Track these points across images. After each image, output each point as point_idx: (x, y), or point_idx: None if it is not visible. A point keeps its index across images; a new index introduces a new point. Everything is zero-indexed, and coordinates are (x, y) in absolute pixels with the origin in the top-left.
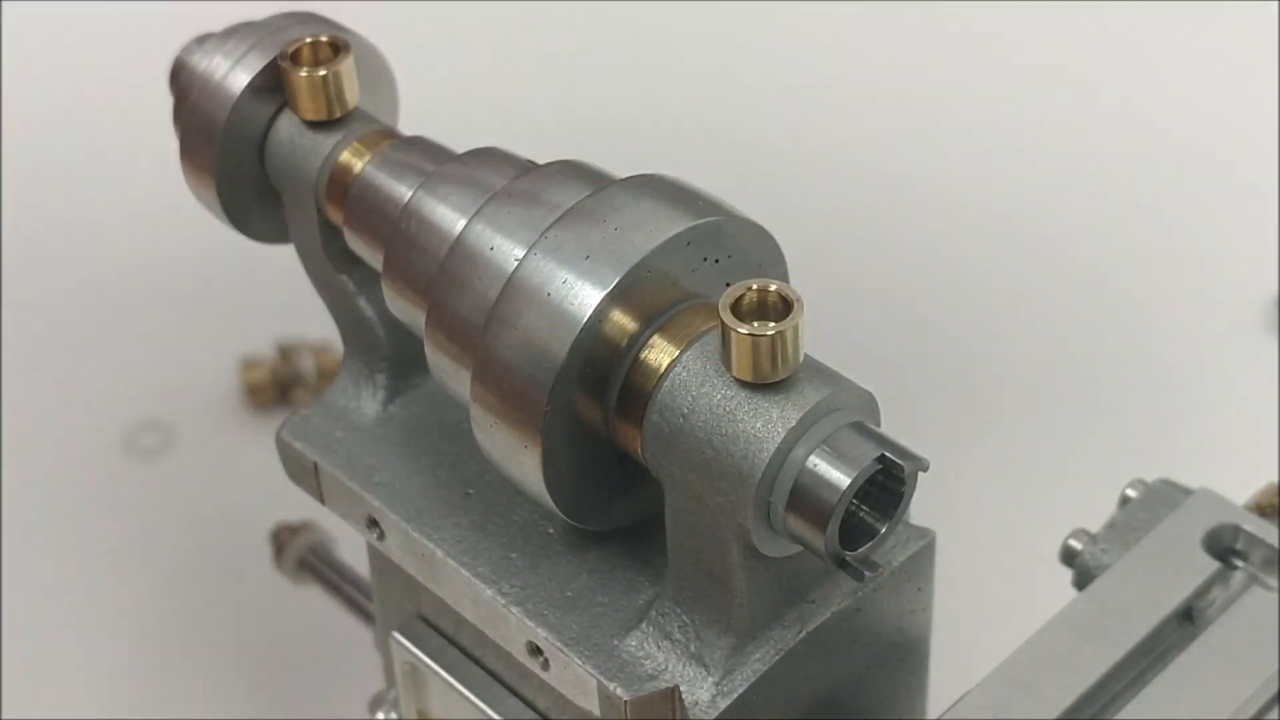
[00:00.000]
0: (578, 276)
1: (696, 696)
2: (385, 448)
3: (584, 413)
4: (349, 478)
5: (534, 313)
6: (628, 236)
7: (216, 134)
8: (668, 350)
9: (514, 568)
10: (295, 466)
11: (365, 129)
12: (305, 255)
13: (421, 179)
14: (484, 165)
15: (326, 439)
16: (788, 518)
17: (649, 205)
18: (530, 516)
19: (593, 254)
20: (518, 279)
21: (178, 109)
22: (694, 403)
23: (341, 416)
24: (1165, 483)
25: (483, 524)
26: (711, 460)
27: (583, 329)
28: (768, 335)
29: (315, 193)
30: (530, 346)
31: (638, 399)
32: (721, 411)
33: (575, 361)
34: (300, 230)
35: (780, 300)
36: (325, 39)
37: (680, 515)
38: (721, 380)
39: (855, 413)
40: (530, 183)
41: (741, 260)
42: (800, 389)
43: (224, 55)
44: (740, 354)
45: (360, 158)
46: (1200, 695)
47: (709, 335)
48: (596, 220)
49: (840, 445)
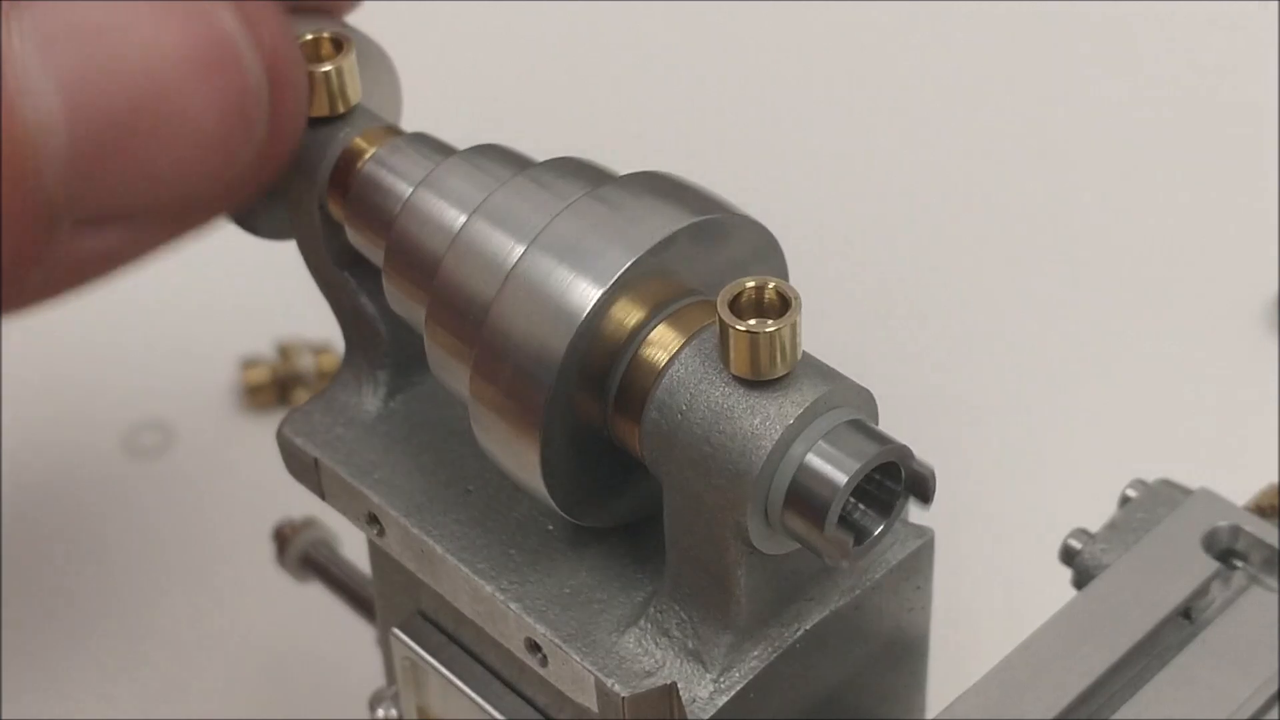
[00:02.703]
0: (577, 272)
1: (694, 693)
2: (386, 444)
3: (582, 409)
4: (349, 474)
5: (533, 309)
6: (627, 232)
7: None
8: (666, 347)
9: (513, 564)
10: (296, 462)
11: (368, 125)
12: (307, 252)
13: (423, 175)
14: (485, 161)
15: (327, 435)
16: (785, 515)
17: (649, 201)
18: (530, 513)
19: (592, 250)
20: (517, 275)
21: None
22: (692, 400)
23: (342, 412)
24: (1165, 483)
25: (482, 520)
26: (709, 457)
27: (582, 325)
28: (766, 332)
29: (317, 189)
30: (529, 343)
31: (636, 395)
32: (719, 408)
33: (574, 358)
34: (302, 227)
35: (778, 297)
36: (327, 35)
37: (678, 512)
38: (720, 377)
39: (854, 410)
40: (530, 179)
41: (740, 257)
42: (798, 386)
43: None
44: (738, 351)
45: (362, 154)
46: (1199, 695)
47: (708, 332)
48: (596, 216)
49: (838, 442)
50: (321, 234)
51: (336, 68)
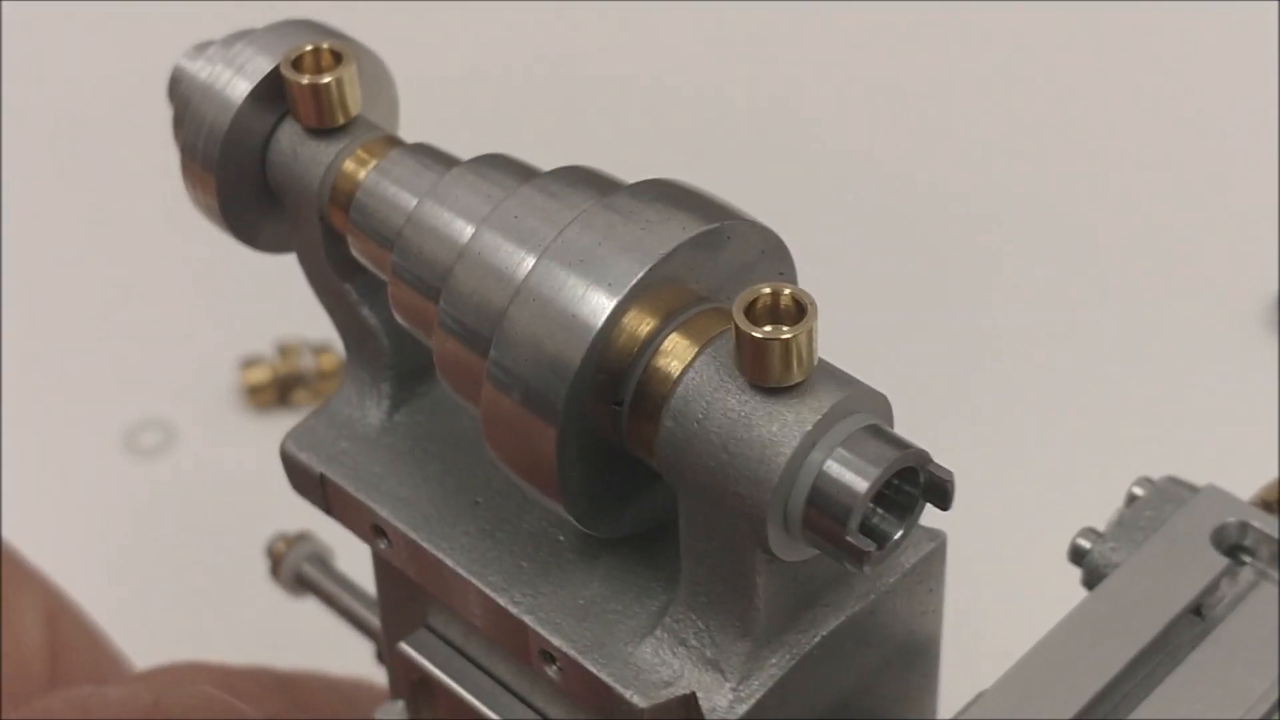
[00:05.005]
0: (590, 282)
1: (714, 702)
2: (391, 456)
3: (596, 418)
4: (355, 488)
5: (547, 319)
6: (639, 241)
7: (218, 143)
8: (681, 355)
9: (525, 576)
10: (300, 478)
11: (368, 136)
12: (307, 263)
13: (426, 186)
14: (490, 171)
15: (332, 449)
16: (805, 521)
17: (660, 209)
18: (540, 524)
19: (605, 259)
20: (529, 285)
21: (178, 119)
22: (709, 408)
23: (346, 426)
24: (1171, 480)
25: (492, 532)
26: (727, 464)
27: (597, 335)
28: (783, 339)
29: (318, 201)
30: (543, 353)
31: (651, 404)
32: (736, 416)
33: (589, 368)
34: (302, 239)
35: (794, 303)
36: (327, 46)
37: (695, 521)
38: (736, 385)
39: (870, 415)
40: (537, 189)
41: (748, 261)
42: (815, 392)
43: (225, 64)
44: (755, 358)
45: (363, 165)
46: (1213, 693)
47: (722, 339)
48: (607, 225)
49: (857, 448)
50: (322, 246)
51: (336, 79)
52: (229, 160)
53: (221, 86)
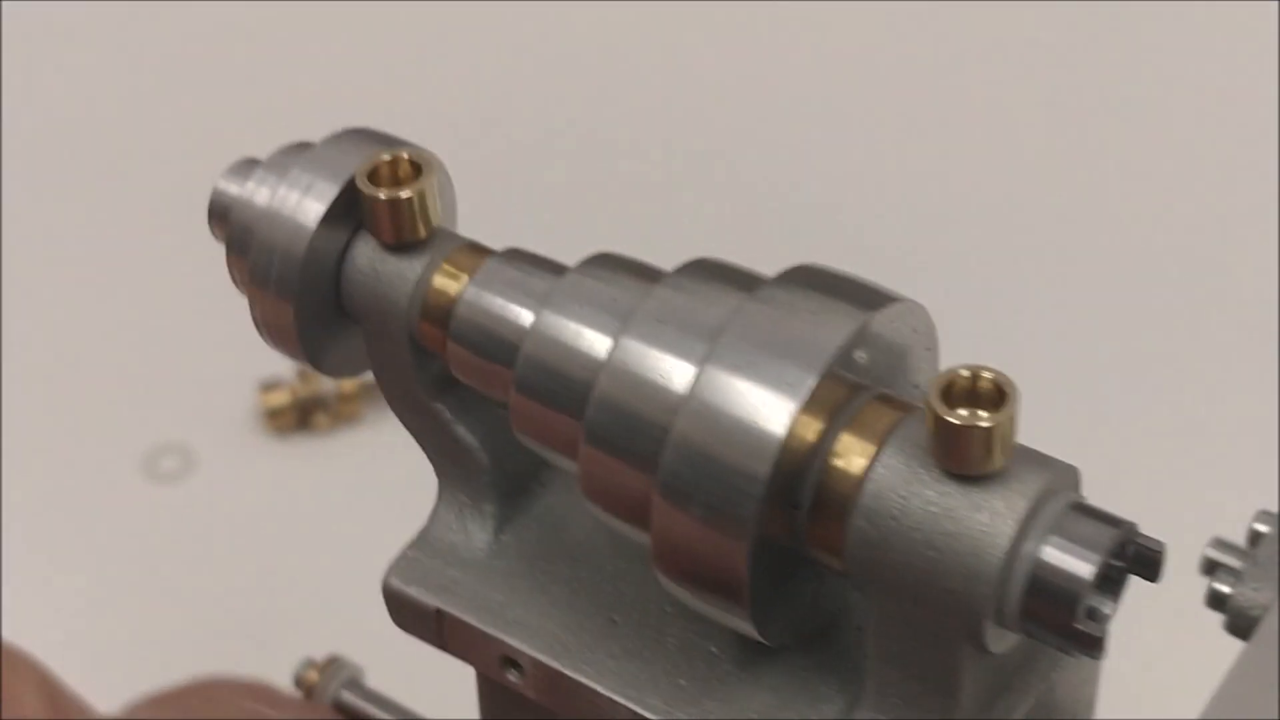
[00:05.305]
0: (765, 387)
1: None
2: (509, 581)
3: (775, 528)
4: (480, 620)
5: (723, 429)
6: (808, 337)
7: (296, 269)
8: (861, 450)
9: (686, 695)
10: (410, 614)
11: (452, 246)
12: (390, 384)
13: (537, 297)
14: (607, 274)
15: (441, 579)
16: (1024, 612)
17: (817, 300)
18: (687, 636)
19: (775, 361)
20: (698, 399)
21: (239, 246)
22: (905, 503)
23: (451, 553)
24: None
25: (639, 651)
26: (935, 561)
27: (783, 443)
28: (985, 426)
29: (407, 319)
30: (724, 466)
31: (836, 505)
32: (938, 509)
33: (776, 479)
34: (386, 359)
35: (994, 388)
36: (406, 156)
37: (890, 619)
38: (930, 475)
39: (1070, 492)
40: (673, 288)
41: (904, 345)
42: (1018, 475)
43: (288, 185)
44: (954, 446)
45: (456, 279)
46: None
47: (902, 429)
48: (768, 325)
49: (1070, 531)
50: (412, 365)
51: (418, 191)
52: (307, 288)
53: (290, 210)
